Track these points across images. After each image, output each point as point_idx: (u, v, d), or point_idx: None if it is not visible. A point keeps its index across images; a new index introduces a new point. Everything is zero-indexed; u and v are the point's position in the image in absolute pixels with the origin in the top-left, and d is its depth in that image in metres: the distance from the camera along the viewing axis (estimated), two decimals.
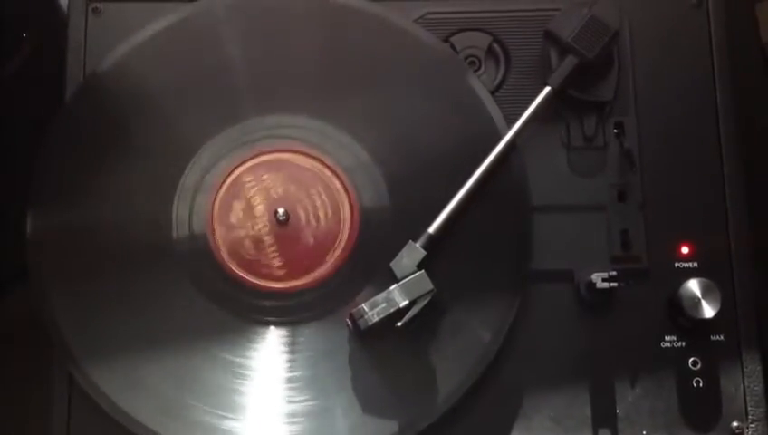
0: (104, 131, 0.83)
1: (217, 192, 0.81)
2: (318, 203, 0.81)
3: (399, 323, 0.76)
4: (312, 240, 0.80)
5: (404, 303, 0.76)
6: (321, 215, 0.81)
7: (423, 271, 0.77)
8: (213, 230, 0.80)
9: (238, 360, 0.79)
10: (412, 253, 0.78)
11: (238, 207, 0.81)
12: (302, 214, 0.80)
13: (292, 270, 0.80)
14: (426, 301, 0.77)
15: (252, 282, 0.80)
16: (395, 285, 0.76)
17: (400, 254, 0.78)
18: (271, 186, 0.81)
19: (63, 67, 0.85)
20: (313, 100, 0.83)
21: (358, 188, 0.81)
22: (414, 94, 0.83)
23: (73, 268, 0.80)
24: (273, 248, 0.80)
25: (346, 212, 0.81)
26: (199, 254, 0.80)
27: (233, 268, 0.80)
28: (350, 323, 0.77)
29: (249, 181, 0.81)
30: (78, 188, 0.81)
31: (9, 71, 0.92)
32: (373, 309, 0.76)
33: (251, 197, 0.81)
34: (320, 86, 0.83)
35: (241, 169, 0.81)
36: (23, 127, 0.91)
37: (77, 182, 0.82)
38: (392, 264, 0.78)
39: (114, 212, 0.81)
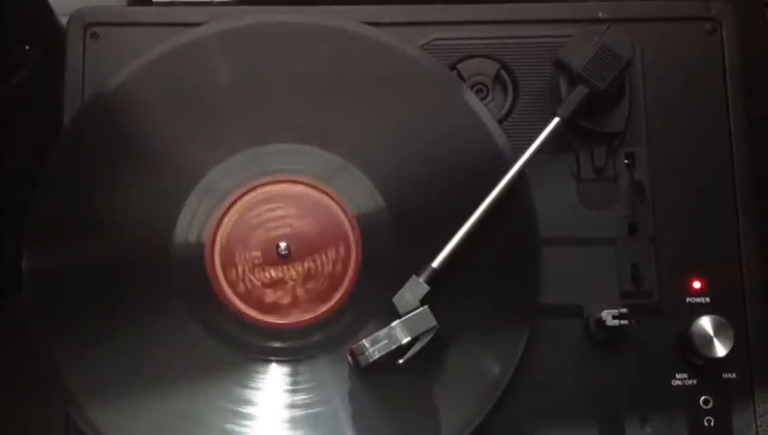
0: (103, 160, 0.81)
1: (219, 224, 0.79)
2: (322, 237, 0.79)
3: (401, 361, 0.74)
4: (316, 273, 0.79)
5: (406, 339, 0.74)
6: (325, 248, 0.79)
7: (426, 307, 0.75)
8: (214, 264, 0.79)
9: (240, 397, 0.77)
10: (415, 288, 0.76)
11: (239, 242, 0.79)
12: (304, 247, 0.79)
13: (294, 305, 0.78)
14: (428, 337, 0.75)
15: (254, 318, 0.78)
16: (397, 321, 0.75)
17: (403, 289, 0.76)
18: (274, 219, 0.79)
19: (61, 92, 0.83)
20: (318, 129, 0.81)
21: (362, 222, 0.80)
22: (419, 124, 0.81)
23: (70, 305, 0.78)
24: (275, 283, 0.78)
25: (350, 246, 0.79)
26: (200, 289, 0.79)
27: (235, 304, 0.78)
28: (350, 359, 0.75)
29: (252, 214, 0.79)
30: (76, 221, 0.80)
31: (14, 83, 0.91)
32: (374, 345, 0.74)
33: (253, 230, 0.79)
34: (324, 115, 0.81)
35: (243, 200, 0.80)
36: (23, 141, 0.90)
37: (73, 215, 0.80)
38: (395, 299, 0.76)
39: (113, 246, 0.79)
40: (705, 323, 0.78)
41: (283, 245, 0.78)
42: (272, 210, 0.80)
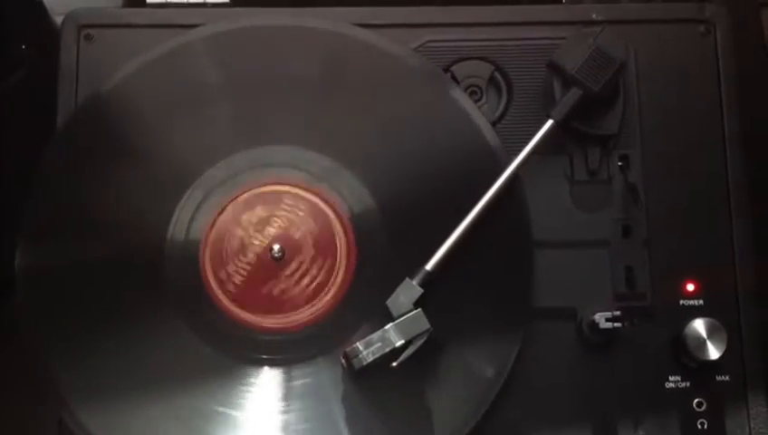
0: (97, 161, 0.81)
1: (212, 226, 0.79)
2: (315, 240, 0.79)
3: (395, 364, 0.74)
4: (309, 276, 0.78)
5: (399, 342, 0.74)
6: (318, 250, 0.79)
7: (420, 309, 0.75)
8: (207, 266, 0.79)
9: (232, 401, 0.77)
10: (409, 291, 0.76)
11: (232, 245, 0.79)
12: (297, 250, 0.79)
13: (287, 308, 0.78)
14: (422, 340, 0.75)
15: (246, 320, 0.78)
16: (390, 324, 0.75)
17: (396, 291, 0.76)
18: (267, 221, 0.79)
19: (55, 92, 0.83)
20: (311, 131, 0.81)
21: (355, 224, 0.79)
22: (412, 126, 0.81)
23: (63, 306, 0.78)
24: (270, 286, 0.78)
25: (343, 248, 0.79)
26: (194, 292, 0.78)
27: (228, 307, 0.78)
28: (344, 362, 0.75)
29: (245, 216, 0.79)
30: (69, 222, 0.80)
31: (11, 82, 0.91)
32: (368, 348, 0.74)
33: (247, 232, 0.79)
34: (317, 117, 0.81)
35: (236, 202, 0.79)
36: (20, 141, 0.90)
37: (67, 216, 0.80)
38: (388, 302, 0.76)
39: (107, 247, 0.79)
40: (699, 325, 0.78)
41: (276, 247, 0.78)
42: (265, 212, 0.79)
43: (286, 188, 0.80)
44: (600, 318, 0.77)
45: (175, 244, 0.79)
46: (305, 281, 0.78)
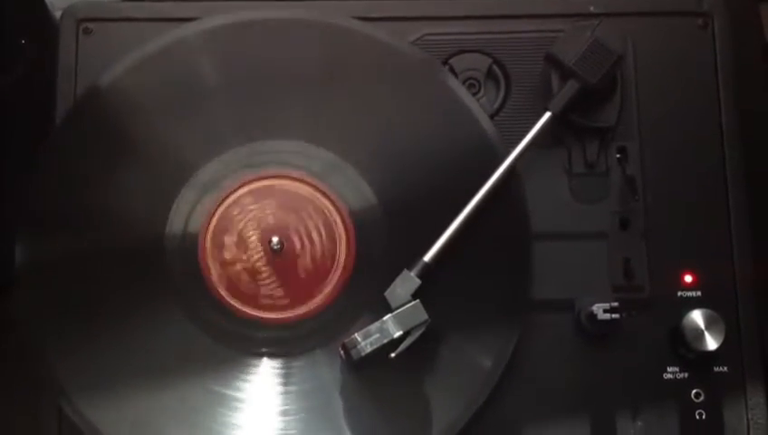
0: (95, 155, 0.81)
1: (211, 219, 0.80)
2: (313, 231, 0.79)
3: (393, 355, 0.74)
4: (308, 268, 0.79)
5: (398, 333, 0.75)
6: (317, 242, 0.79)
7: (418, 301, 0.75)
8: (206, 259, 0.79)
9: (231, 392, 0.77)
10: (407, 282, 0.76)
11: (231, 238, 0.79)
12: (296, 243, 0.79)
13: (287, 300, 0.78)
14: (420, 331, 0.75)
15: (246, 312, 0.78)
16: (389, 315, 0.75)
17: (395, 283, 0.76)
18: (266, 214, 0.79)
19: (54, 87, 0.83)
20: (310, 125, 0.81)
21: (354, 216, 0.80)
22: (410, 119, 0.81)
23: (63, 299, 0.78)
24: (269, 278, 0.79)
25: (342, 241, 0.79)
26: (193, 284, 0.79)
27: (227, 299, 0.78)
28: (342, 353, 0.75)
29: (244, 209, 0.80)
30: (68, 216, 0.80)
31: (11, 77, 0.91)
32: (366, 339, 0.74)
33: (246, 225, 0.79)
34: (315, 111, 0.82)
35: (235, 195, 0.80)
36: (20, 136, 0.90)
37: (67, 210, 0.80)
38: (386, 293, 0.76)
39: (105, 242, 0.79)
40: (697, 316, 0.78)
41: (275, 239, 0.78)
42: (264, 206, 0.80)
43: (285, 181, 0.80)
44: (598, 309, 0.77)
45: (174, 236, 0.79)
46: (304, 273, 0.79)
